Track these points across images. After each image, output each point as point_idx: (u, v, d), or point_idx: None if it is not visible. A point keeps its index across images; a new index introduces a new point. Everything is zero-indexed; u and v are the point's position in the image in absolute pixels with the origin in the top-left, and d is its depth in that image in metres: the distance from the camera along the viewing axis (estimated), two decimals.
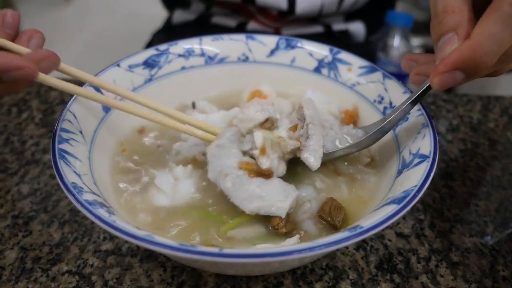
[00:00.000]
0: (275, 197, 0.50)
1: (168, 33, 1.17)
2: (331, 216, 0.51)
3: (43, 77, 0.47)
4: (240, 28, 1.07)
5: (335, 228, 0.51)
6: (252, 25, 1.06)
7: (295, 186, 0.54)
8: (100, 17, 3.42)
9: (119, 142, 0.61)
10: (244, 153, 0.55)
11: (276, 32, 1.07)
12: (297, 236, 0.50)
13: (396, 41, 1.17)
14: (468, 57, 0.41)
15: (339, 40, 1.10)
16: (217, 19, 1.08)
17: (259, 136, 0.54)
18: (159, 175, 0.57)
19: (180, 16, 1.13)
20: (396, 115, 0.52)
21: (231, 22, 1.07)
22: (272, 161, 0.53)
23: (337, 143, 0.57)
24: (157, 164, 0.59)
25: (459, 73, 0.42)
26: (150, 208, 0.54)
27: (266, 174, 0.52)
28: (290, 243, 0.48)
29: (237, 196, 0.50)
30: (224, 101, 0.69)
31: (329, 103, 0.66)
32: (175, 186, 0.56)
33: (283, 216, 0.50)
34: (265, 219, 0.51)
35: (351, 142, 0.57)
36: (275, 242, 0.49)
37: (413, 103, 0.52)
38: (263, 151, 0.53)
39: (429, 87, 0.50)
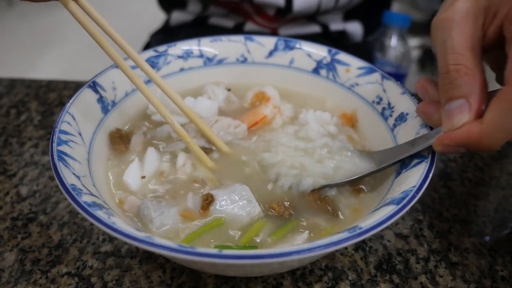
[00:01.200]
0: (239, 211, 0.52)
1: (166, 34, 1.18)
2: (322, 206, 0.53)
3: None
4: (237, 29, 1.07)
5: (332, 213, 0.52)
6: (249, 25, 1.06)
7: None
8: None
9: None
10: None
11: (274, 32, 1.07)
12: (307, 232, 0.50)
13: (393, 42, 1.17)
14: (475, 141, 0.42)
15: (337, 41, 1.10)
16: (214, 20, 1.08)
17: (182, 157, 0.58)
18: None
19: (177, 17, 1.14)
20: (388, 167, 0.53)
21: (229, 23, 1.07)
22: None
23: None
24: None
25: (462, 148, 0.43)
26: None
27: (208, 204, 0.52)
28: (303, 239, 0.49)
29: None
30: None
31: (328, 123, 0.65)
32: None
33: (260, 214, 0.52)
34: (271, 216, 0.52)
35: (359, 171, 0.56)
36: (290, 234, 0.50)
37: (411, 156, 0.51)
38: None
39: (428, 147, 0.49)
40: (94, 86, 0.59)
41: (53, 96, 0.89)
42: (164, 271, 0.56)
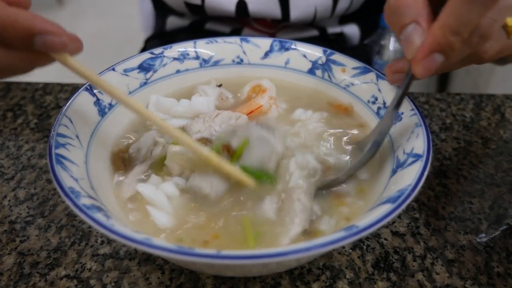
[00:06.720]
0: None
1: (162, 39, 1.17)
2: None
3: (66, 58, 0.46)
4: (234, 34, 1.07)
5: None
6: (246, 31, 1.06)
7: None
8: (94, 20, 3.41)
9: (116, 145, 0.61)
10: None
11: (271, 37, 1.07)
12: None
13: (391, 44, 1.18)
14: (440, 38, 0.42)
15: (335, 43, 1.11)
16: (211, 25, 1.08)
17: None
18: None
19: (173, 22, 1.13)
20: (385, 123, 0.53)
21: (226, 29, 1.07)
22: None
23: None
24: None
25: (438, 55, 0.43)
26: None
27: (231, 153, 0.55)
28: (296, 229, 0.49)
29: None
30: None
31: (324, 124, 0.65)
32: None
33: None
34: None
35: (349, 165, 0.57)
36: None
37: (398, 105, 0.52)
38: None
39: (409, 83, 0.50)
40: (90, 89, 0.60)
41: (50, 99, 0.89)
42: (163, 273, 0.56)
